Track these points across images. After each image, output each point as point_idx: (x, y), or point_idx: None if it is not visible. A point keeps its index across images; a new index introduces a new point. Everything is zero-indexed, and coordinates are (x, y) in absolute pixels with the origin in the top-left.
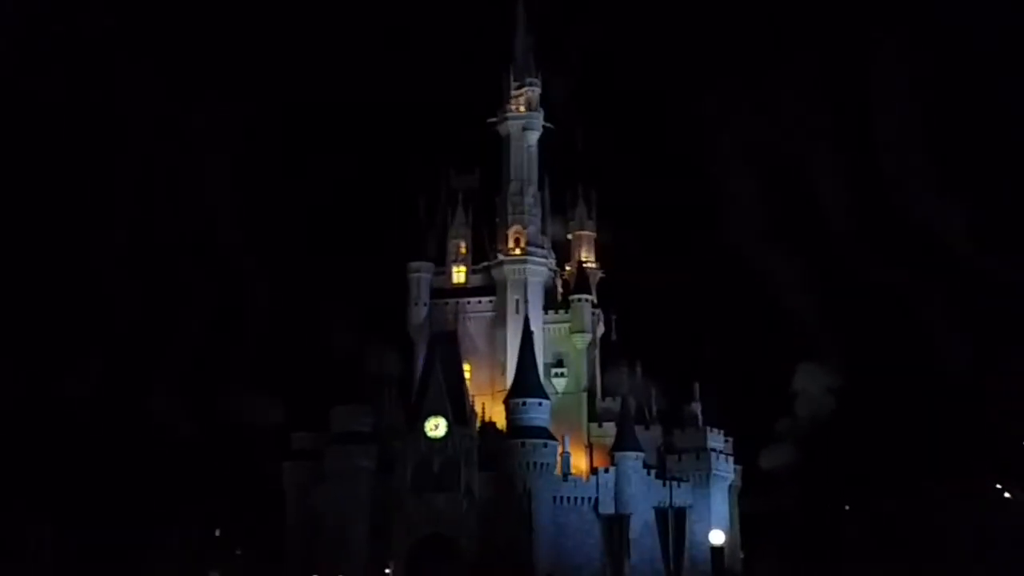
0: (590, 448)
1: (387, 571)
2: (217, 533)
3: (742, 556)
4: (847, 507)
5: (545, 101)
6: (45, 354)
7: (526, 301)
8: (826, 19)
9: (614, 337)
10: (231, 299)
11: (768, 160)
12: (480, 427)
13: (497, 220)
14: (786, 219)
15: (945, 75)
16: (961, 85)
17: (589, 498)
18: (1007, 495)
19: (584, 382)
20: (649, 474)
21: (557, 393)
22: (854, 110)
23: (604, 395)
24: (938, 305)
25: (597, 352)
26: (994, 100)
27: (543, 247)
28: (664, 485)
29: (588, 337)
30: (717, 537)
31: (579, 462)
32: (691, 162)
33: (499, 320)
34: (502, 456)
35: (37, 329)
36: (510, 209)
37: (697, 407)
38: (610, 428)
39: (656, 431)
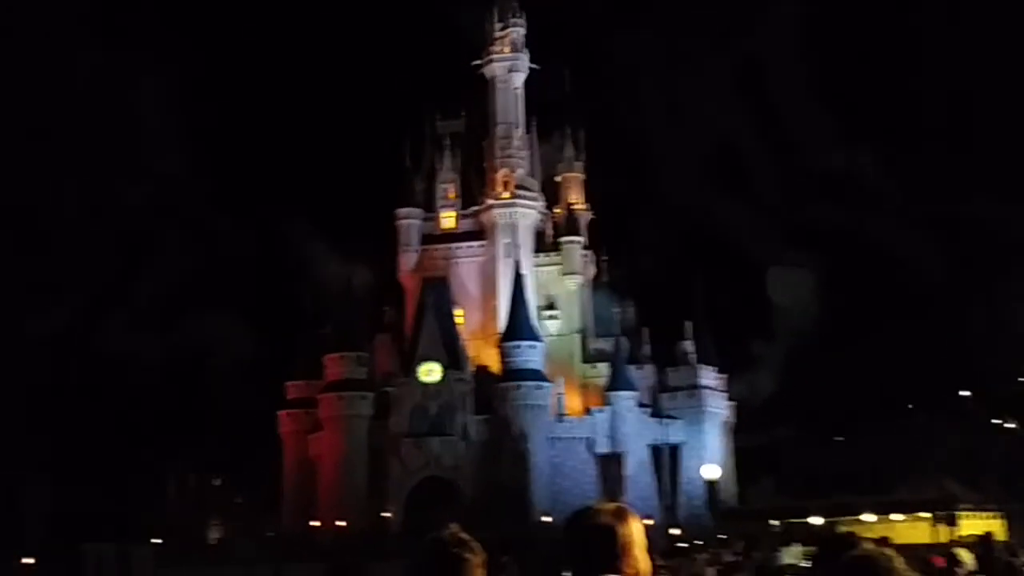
0: (584, 388)
1: (385, 515)
2: (216, 482)
3: (736, 490)
4: (838, 438)
5: (530, 42)
6: (13, 298)
7: (517, 244)
8: None
9: (605, 278)
10: (215, 248)
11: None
12: (474, 371)
13: (485, 164)
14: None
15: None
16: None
17: (584, 438)
18: (994, 420)
19: (576, 323)
20: (643, 412)
21: (550, 335)
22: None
23: (597, 336)
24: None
25: (589, 293)
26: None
27: (532, 190)
28: (658, 423)
29: (579, 279)
30: (711, 472)
31: (573, 402)
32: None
33: (490, 264)
34: (497, 399)
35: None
36: (498, 152)
37: (689, 345)
38: (603, 368)
39: (649, 370)
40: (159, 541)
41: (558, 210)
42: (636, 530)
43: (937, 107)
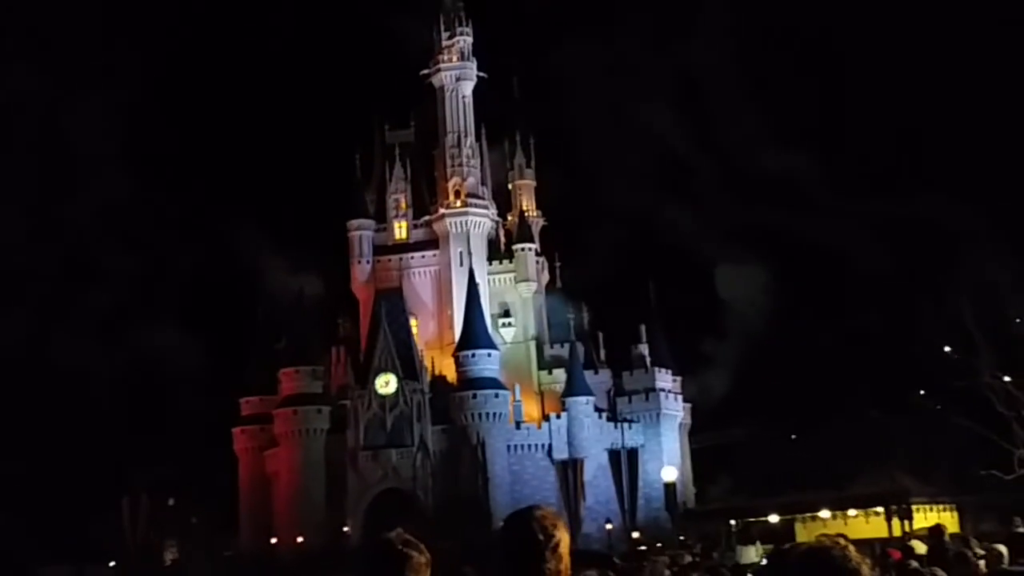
0: (541, 395)
1: (345, 530)
2: (171, 502)
3: (695, 491)
4: (793, 436)
5: (477, 50)
6: None
7: (470, 253)
8: None
9: (559, 284)
10: (164, 262)
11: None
12: (431, 381)
13: (436, 173)
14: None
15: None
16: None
17: (542, 444)
18: (945, 415)
19: (531, 330)
20: (600, 417)
21: (505, 343)
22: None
23: (552, 342)
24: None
25: (543, 300)
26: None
27: (483, 198)
28: (616, 427)
29: (533, 286)
30: (669, 474)
31: (531, 410)
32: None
33: (443, 273)
34: (454, 408)
35: None
36: (448, 162)
37: (644, 348)
38: (560, 374)
39: (605, 375)
40: (115, 564)
41: (510, 217)
42: (566, 538)
43: (875, 106)
